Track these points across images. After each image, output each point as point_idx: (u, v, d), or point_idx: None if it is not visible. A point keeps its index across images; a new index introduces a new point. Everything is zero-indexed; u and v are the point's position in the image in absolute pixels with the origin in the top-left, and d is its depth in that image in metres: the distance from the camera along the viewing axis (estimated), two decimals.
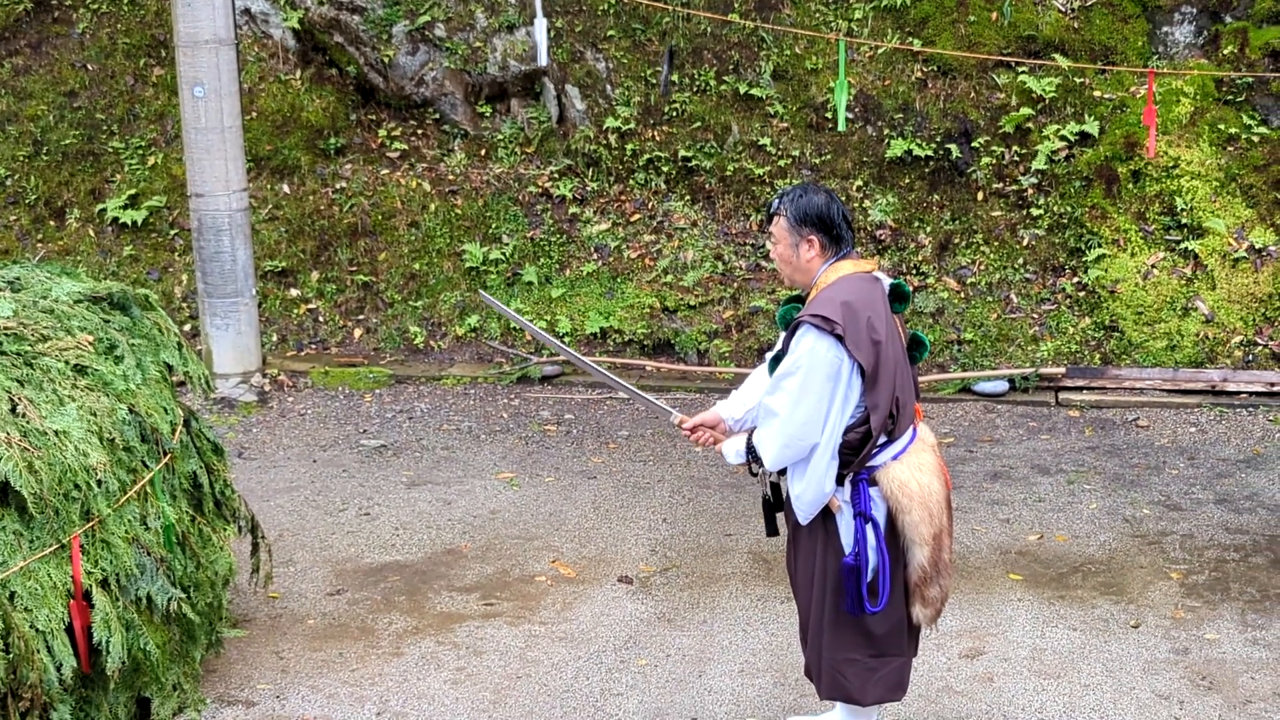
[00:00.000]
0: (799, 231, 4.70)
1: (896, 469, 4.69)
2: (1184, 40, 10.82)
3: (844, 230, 4.72)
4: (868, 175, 10.78)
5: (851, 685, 4.81)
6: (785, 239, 4.73)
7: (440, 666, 6.00)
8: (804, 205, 4.69)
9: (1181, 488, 8.02)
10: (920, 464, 4.74)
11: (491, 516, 7.73)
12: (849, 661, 4.79)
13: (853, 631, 4.77)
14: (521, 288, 10.72)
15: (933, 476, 4.74)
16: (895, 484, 4.67)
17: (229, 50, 9.45)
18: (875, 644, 4.80)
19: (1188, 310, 9.86)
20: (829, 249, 4.72)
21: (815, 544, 4.78)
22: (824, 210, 4.69)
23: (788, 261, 4.77)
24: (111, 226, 11.19)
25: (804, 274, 4.75)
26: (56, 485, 4.92)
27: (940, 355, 10.03)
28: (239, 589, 6.63)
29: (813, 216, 4.68)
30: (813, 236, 4.69)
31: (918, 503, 4.68)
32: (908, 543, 4.71)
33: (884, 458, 4.69)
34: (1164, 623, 6.32)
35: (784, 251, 4.76)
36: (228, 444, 8.62)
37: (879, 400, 4.59)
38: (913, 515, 4.68)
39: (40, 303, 5.73)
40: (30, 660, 4.69)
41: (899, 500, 4.67)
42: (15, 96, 11.68)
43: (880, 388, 4.59)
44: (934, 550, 4.72)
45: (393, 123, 11.75)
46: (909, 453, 4.73)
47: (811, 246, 4.70)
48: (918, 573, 4.74)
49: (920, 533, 4.69)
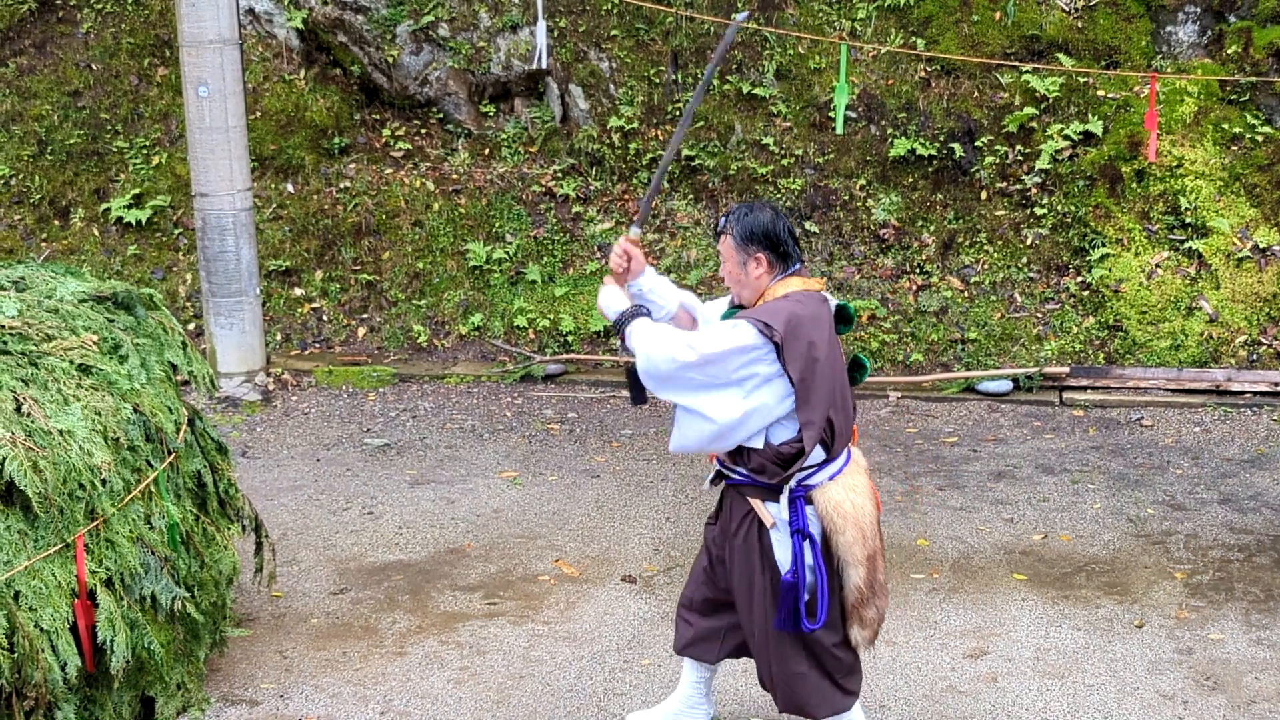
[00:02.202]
0: (746, 250, 4.72)
1: (833, 489, 4.72)
2: (1188, 40, 10.81)
3: (791, 247, 4.75)
4: (871, 174, 10.77)
5: (805, 699, 4.85)
6: (733, 257, 4.76)
7: (444, 666, 6.00)
8: (750, 223, 4.72)
9: (1186, 487, 8.01)
10: (854, 485, 4.77)
11: (495, 515, 7.73)
12: (798, 676, 4.83)
13: (799, 647, 4.80)
14: (525, 286, 10.72)
15: (865, 498, 4.78)
16: (831, 504, 4.71)
17: (233, 50, 9.46)
18: (820, 658, 4.83)
19: (1192, 310, 9.85)
20: (776, 266, 4.74)
21: (751, 560, 4.81)
22: (770, 228, 4.71)
23: (736, 279, 4.80)
24: (116, 226, 11.20)
25: (752, 290, 4.78)
26: (61, 484, 4.93)
27: (944, 354, 10.02)
28: (243, 588, 6.64)
29: (759, 234, 4.71)
30: (760, 254, 4.72)
31: (852, 524, 4.71)
32: (842, 564, 4.74)
33: (821, 478, 4.72)
34: (1168, 623, 6.32)
35: (732, 269, 4.79)
36: (232, 443, 8.63)
37: (813, 416, 4.61)
38: (847, 536, 4.71)
39: (45, 302, 5.74)
40: (35, 659, 4.69)
41: (834, 521, 4.71)
42: (20, 96, 11.68)
43: (814, 404, 4.61)
44: (869, 571, 4.76)
45: (396, 122, 11.75)
46: (844, 474, 4.77)
47: (759, 264, 4.73)
48: (854, 594, 4.77)
49: (855, 553, 4.72)
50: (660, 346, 4.64)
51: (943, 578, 6.83)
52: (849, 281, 10.42)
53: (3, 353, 5.32)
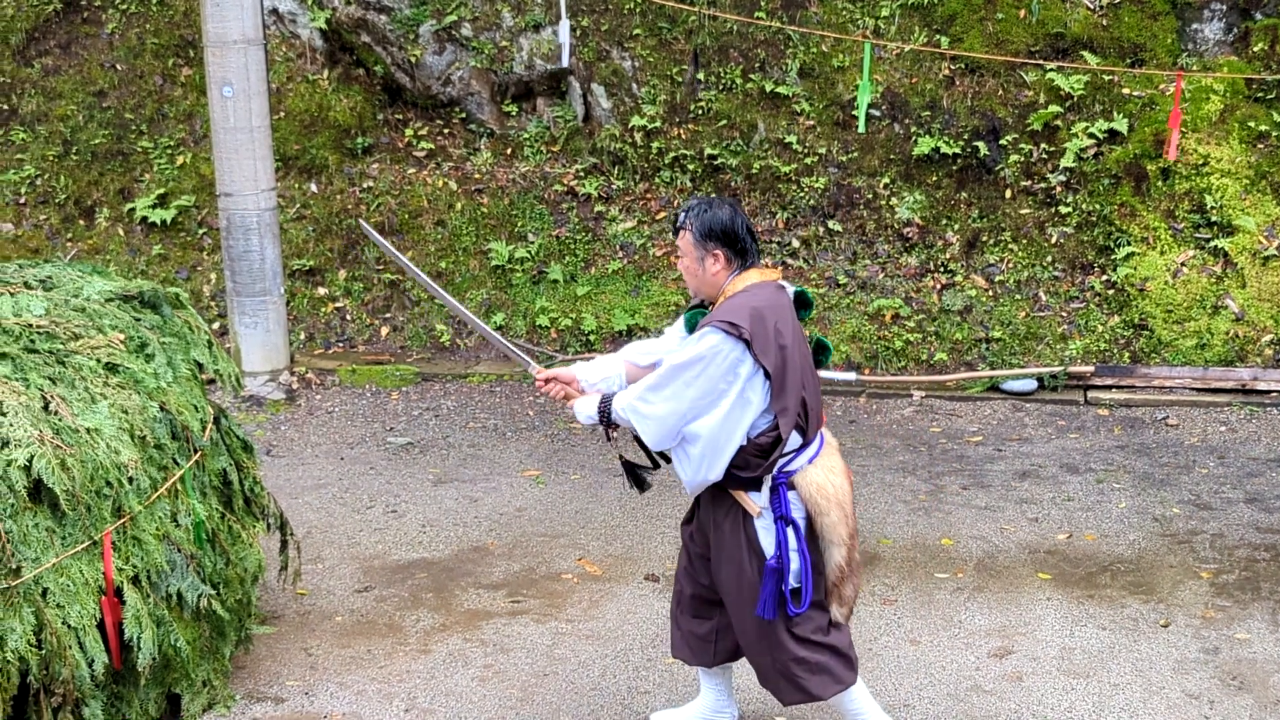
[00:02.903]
0: (704, 246, 4.76)
1: (813, 473, 4.76)
2: (1214, 37, 10.76)
3: (749, 243, 4.78)
4: (895, 173, 10.75)
5: (809, 682, 4.87)
6: (691, 253, 4.79)
7: (468, 664, 6.01)
8: (709, 220, 4.75)
9: (1211, 487, 7.98)
10: (832, 466, 4.82)
11: (518, 514, 7.74)
12: (798, 661, 4.85)
13: (791, 633, 4.83)
14: (547, 285, 10.73)
15: (843, 478, 4.83)
16: (814, 487, 4.74)
17: (257, 50, 9.49)
18: (814, 640, 4.85)
19: (1217, 308, 9.81)
20: (734, 262, 4.77)
21: (739, 552, 4.83)
22: (729, 225, 4.74)
23: (694, 275, 4.83)
24: (140, 225, 11.24)
25: (710, 286, 4.82)
26: (88, 482, 4.95)
27: (968, 353, 10.00)
28: (268, 586, 6.66)
29: (718, 231, 4.74)
30: (718, 251, 4.75)
31: (835, 504, 4.76)
32: (825, 544, 4.79)
33: (800, 462, 4.76)
34: (1194, 622, 6.30)
35: (690, 265, 4.82)
36: (257, 441, 8.65)
37: (787, 403, 4.66)
38: (831, 516, 4.76)
39: (72, 301, 5.76)
40: (62, 656, 4.72)
41: (818, 503, 4.74)
42: (45, 96, 11.74)
43: (788, 391, 4.65)
44: (849, 550, 4.81)
45: (419, 122, 11.77)
46: (821, 456, 4.82)
47: (717, 260, 4.76)
48: (835, 572, 4.81)
49: (839, 533, 4.77)
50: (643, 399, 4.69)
51: (967, 577, 6.81)
52: (872, 280, 10.40)
53: (31, 351, 5.34)
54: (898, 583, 6.75)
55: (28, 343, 5.38)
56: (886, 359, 10.01)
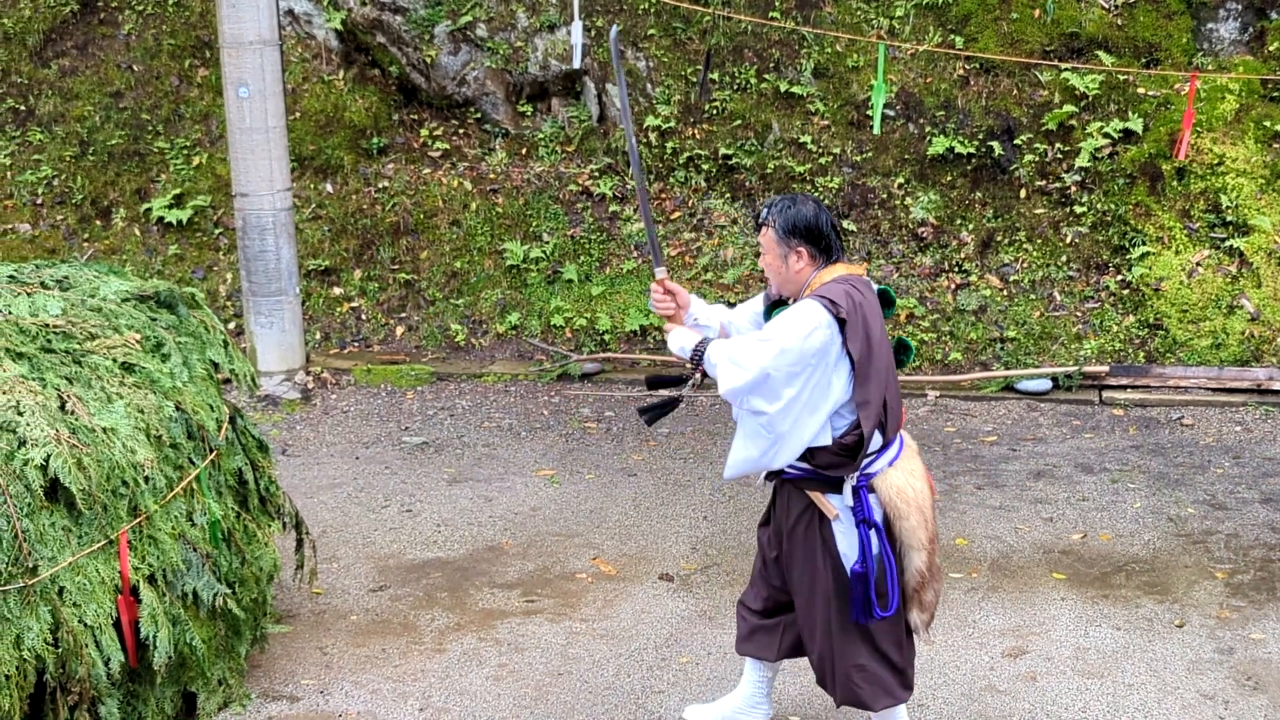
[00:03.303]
0: (787, 243, 4.72)
1: (894, 475, 4.72)
2: (1229, 37, 10.73)
3: (833, 239, 4.74)
4: (909, 173, 10.74)
5: (863, 691, 4.85)
6: (774, 250, 4.76)
7: (482, 663, 6.02)
8: (792, 216, 4.71)
9: (1227, 487, 7.96)
10: (912, 470, 4.78)
11: (532, 513, 7.76)
12: (858, 668, 4.83)
13: (859, 638, 4.81)
14: (562, 285, 10.74)
15: (923, 481, 4.79)
16: (894, 490, 4.71)
17: (273, 51, 9.51)
18: (881, 648, 4.83)
19: (1233, 308, 9.78)
20: (818, 258, 4.74)
21: (812, 553, 4.81)
22: (812, 221, 4.70)
23: (777, 272, 4.79)
24: (157, 226, 11.28)
25: (793, 284, 4.78)
26: (105, 482, 4.97)
27: (983, 353, 9.99)
28: (283, 585, 6.68)
29: (801, 228, 4.70)
30: (801, 248, 4.71)
31: (914, 508, 4.72)
32: (905, 548, 4.75)
33: (881, 464, 4.72)
34: (1209, 622, 6.28)
35: (773, 262, 4.78)
36: (272, 441, 8.68)
37: (869, 396, 4.61)
38: (910, 521, 4.72)
39: (88, 301, 5.79)
40: (79, 654, 4.74)
41: (897, 506, 4.71)
42: (62, 97, 11.79)
43: (871, 384, 4.61)
44: (929, 555, 4.77)
45: (434, 122, 11.80)
46: (901, 459, 4.78)
47: (800, 258, 4.72)
48: (915, 578, 4.77)
49: (918, 538, 4.73)
50: (740, 356, 4.59)
51: (981, 577, 6.81)
52: (887, 280, 10.39)
53: (47, 351, 5.37)
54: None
55: (44, 342, 5.40)
56: None
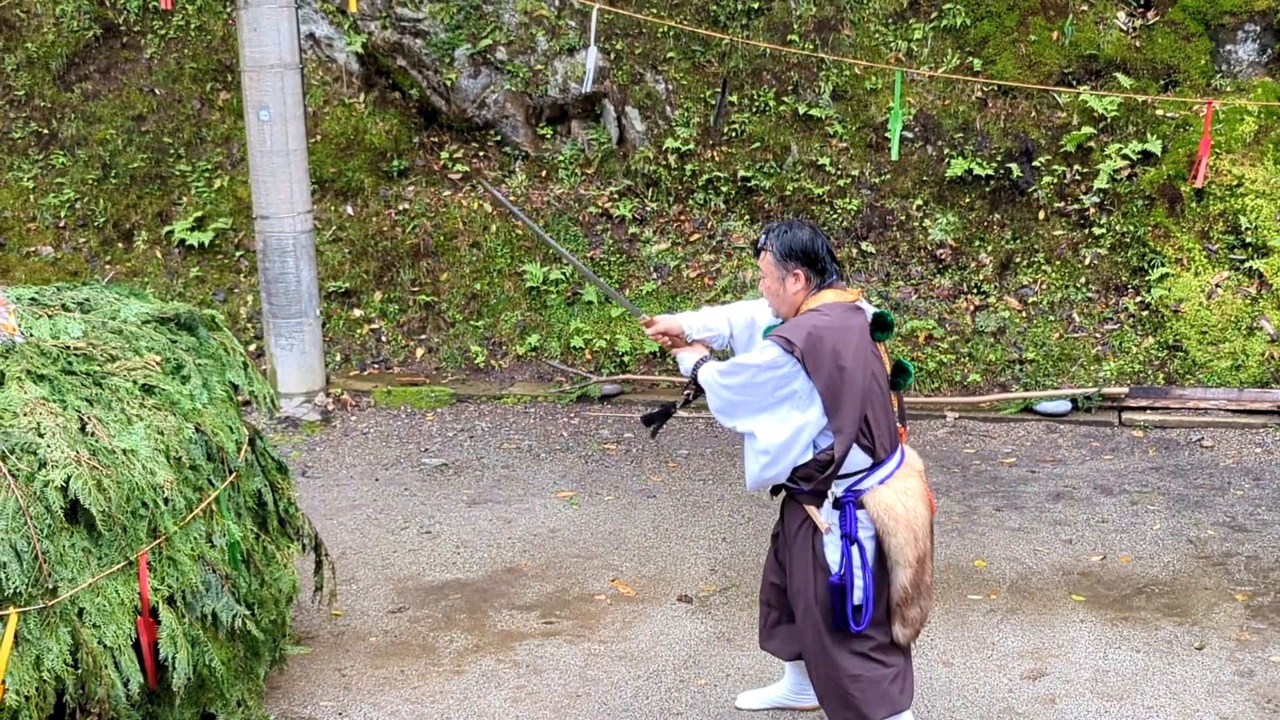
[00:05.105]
0: (785, 266, 4.89)
1: (883, 493, 4.83)
2: (1247, 59, 10.72)
3: (828, 263, 4.91)
4: (928, 194, 10.75)
5: (860, 701, 4.92)
6: (772, 273, 4.93)
7: (500, 685, 6.03)
8: (789, 240, 4.88)
9: (1247, 509, 7.93)
10: (906, 488, 4.88)
11: (551, 535, 7.76)
12: (853, 679, 4.91)
13: (850, 650, 4.90)
14: (581, 307, 10.77)
15: (918, 501, 4.88)
16: (882, 507, 4.82)
17: (294, 74, 9.58)
18: (873, 659, 4.92)
19: (1252, 330, 9.75)
20: (813, 281, 4.90)
21: (806, 564, 4.95)
22: (809, 245, 4.87)
23: (774, 294, 4.97)
24: (178, 248, 11.35)
25: (789, 306, 4.95)
26: (124, 503, 5.00)
27: (1002, 374, 9.98)
28: (302, 606, 6.70)
29: (798, 251, 4.87)
30: (798, 270, 4.87)
31: (903, 526, 4.82)
32: (892, 564, 4.86)
33: (871, 482, 4.84)
34: (1228, 645, 6.26)
35: (771, 285, 4.96)
36: (292, 463, 8.71)
37: (842, 424, 4.74)
38: (898, 538, 4.82)
39: (109, 323, 5.83)
40: (98, 676, 4.76)
41: (885, 523, 4.82)
42: (84, 121, 11.87)
43: (843, 412, 4.73)
44: (916, 572, 4.87)
45: (454, 145, 11.85)
46: (895, 477, 4.88)
47: (798, 280, 4.89)
48: (900, 593, 4.88)
49: (905, 555, 4.84)
50: (713, 380, 4.89)
51: (1000, 599, 6.79)
52: (906, 301, 10.39)
53: (68, 373, 5.40)
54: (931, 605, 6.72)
55: (65, 364, 5.44)
56: (920, 380, 10.00)
